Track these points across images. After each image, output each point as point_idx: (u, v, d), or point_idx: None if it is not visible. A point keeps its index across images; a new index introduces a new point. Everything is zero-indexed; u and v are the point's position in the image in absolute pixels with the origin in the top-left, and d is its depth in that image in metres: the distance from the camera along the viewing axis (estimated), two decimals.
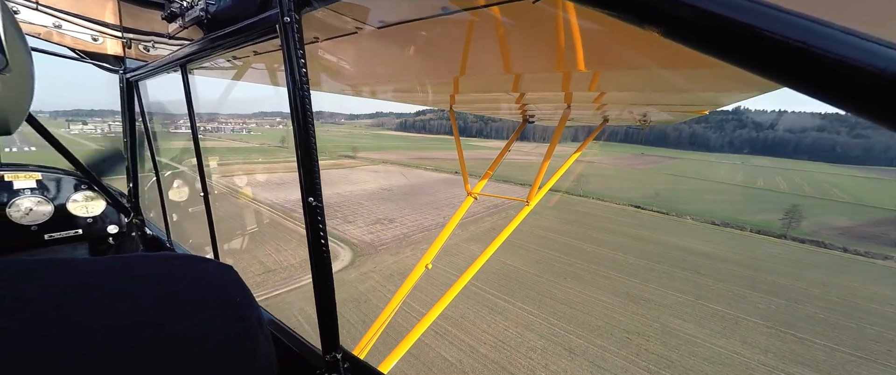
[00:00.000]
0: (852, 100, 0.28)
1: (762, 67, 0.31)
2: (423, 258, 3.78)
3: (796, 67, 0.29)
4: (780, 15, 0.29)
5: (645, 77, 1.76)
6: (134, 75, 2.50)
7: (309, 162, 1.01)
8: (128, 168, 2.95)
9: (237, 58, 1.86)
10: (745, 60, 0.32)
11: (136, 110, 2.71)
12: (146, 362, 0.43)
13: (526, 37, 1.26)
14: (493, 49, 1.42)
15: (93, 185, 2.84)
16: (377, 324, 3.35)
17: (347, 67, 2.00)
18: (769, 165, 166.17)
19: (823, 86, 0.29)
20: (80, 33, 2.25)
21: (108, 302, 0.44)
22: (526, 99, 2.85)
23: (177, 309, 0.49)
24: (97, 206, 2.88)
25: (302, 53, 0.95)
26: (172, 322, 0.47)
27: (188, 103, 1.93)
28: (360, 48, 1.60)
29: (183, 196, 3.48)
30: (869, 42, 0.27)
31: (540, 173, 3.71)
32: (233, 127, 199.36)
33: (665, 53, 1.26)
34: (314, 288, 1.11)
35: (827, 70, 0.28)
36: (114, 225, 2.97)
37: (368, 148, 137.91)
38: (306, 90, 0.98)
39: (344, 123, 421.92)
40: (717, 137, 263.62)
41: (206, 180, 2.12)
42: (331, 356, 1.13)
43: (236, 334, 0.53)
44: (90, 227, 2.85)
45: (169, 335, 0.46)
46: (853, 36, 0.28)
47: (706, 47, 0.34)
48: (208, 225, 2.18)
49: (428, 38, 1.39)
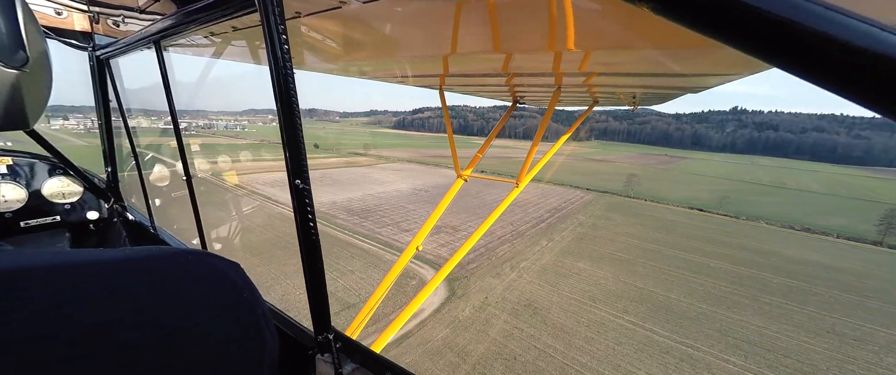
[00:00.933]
0: (834, 79, 0.28)
1: (749, 43, 0.31)
2: (413, 241, 3.82)
3: (782, 43, 0.29)
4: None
5: (635, 57, 1.75)
6: (105, 53, 2.36)
7: (295, 144, 0.98)
8: (104, 151, 2.83)
9: (215, 34, 1.77)
10: (732, 36, 0.32)
11: (108, 90, 2.58)
12: (153, 362, 0.42)
13: (517, 15, 1.22)
14: (484, 27, 1.39)
15: (68, 170, 2.73)
16: (368, 306, 3.40)
17: (333, 44, 1.93)
18: (773, 164, 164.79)
19: (807, 64, 0.29)
20: (42, 7, 2.10)
21: (111, 301, 0.43)
22: (516, 80, 2.82)
23: (185, 308, 0.49)
24: (74, 191, 2.78)
25: (283, 29, 0.91)
26: (180, 321, 0.47)
27: (165, 83, 1.85)
28: (346, 24, 1.54)
29: (165, 180, 3.38)
30: (855, 20, 0.27)
31: (529, 155, 3.73)
32: (226, 124, 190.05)
33: (655, 32, 1.26)
34: (304, 270, 1.11)
35: (812, 47, 0.28)
36: (93, 211, 2.88)
37: (376, 146, 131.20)
38: (289, 68, 0.94)
39: (339, 120, 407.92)
40: (719, 137, 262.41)
41: (188, 163, 2.06)
42: (323, 336, 1.15)
43: (247, 332, 0.53)
44: (68, 213, 2.76)
45: (175, 334, 0.46)
46: (839, 14, 0.27)
47: (695, 23, 0.33)
48: (192, 210, 2.14)
49: (416, 15, 1.34)
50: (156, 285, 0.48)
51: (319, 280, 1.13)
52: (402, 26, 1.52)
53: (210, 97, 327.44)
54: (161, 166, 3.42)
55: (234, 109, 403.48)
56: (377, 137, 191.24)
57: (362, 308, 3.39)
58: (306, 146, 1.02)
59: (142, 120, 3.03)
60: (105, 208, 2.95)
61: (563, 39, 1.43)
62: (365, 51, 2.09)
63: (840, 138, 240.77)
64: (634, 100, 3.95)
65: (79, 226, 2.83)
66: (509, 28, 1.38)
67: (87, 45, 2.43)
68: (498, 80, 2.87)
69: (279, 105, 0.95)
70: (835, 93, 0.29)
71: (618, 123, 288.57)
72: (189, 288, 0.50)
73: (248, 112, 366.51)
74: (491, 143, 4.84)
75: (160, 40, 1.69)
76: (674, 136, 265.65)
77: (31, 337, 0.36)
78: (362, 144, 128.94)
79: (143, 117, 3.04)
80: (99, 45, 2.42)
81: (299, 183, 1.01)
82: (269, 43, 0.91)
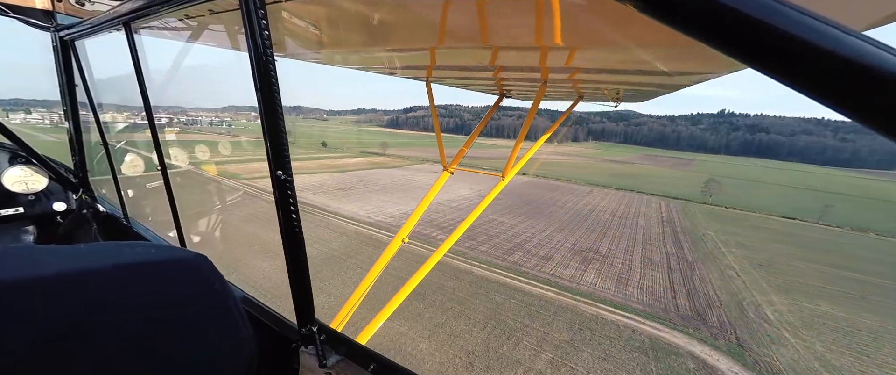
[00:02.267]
0: (804, 80, 0.29)
1: (726, 43, 0.32)
2: (398, 233, 3.81)
3: (756, 43, 0.30)
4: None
5: (619, 53, 1.78)
6: (69, 34, 2.22)
7: (276, 133, 0.95)
8: (71, 139, 2.68)
9: (191, 17, 1.69)
10: (711, 35, 0.33)
11: (74, 74, 2.43)
12: (121, 362, 0.41)
13: (505, 8, 1.22)
14: (472, 20, 1.38)
15: (31, 158, 2.57)
16: (354, 298, 3.39)
17: (316, 32, 1.87)
18: (766, 165, 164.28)
19: (778, 64, 0.30)
20: None
21: (76, 300, 0.41)
22: (503, 74, 2.82)
23: (154, 304, 0.48)
24: (38, 181, 2.62)
25: (263, 14, 0.87)
26: (149, 318, 0.46)
27: (136, 68, 1.75)
28: (330, 11, 1.49)
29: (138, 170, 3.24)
30: (823, 24, 0.28)
31: (514, 150, 3.76)
32: (210, 120, 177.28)
33: (639, 30, 1.28)
34: (287, 262, 1.09)
35: (782, 48, 0.29)
36: (60, 202, 2.73)
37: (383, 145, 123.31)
38: (270, 55, 0.91)
39: (327, 118, 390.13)
40: (715, 138, 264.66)
41: (162, 152, 1.97)
42: (306, 329, 1.14)
43: (218, 324, 0.53)
44: (33, 205, 2.61)
45: (144, 331, 0.45)
46: (808, 16, 0.29)
47: (677, 22, 0.34)
48: (168, 200, 2.06)
49: (403, 4, 1.31)
50: (122, 282, 0.46)
51: (302, 272, 1.11)
52: (390, 16, 1.49)
53: (191, 92, 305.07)
54: (134, 156, 3.27)
55: (214, 105, 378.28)
56: (374, 135, 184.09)
57: (348, 300, 3.37)
58: (314, 145, 0.98)
59: (115, 114, 2.86)
60: (73, 199, 2.80)
61: (549, 34, 1.44)
62: (350, 40, 2.04)
63: (828, 141, 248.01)
64: (618, 96, 4.03)
65: (44, 218, 2.68)
66: (497, 21, 1.37)
67: (48, 24, 2.28)
68: (485, 73, 2.87)
69: (259, 94, 0.92)
70: (803, 93, 0.30)
71: (614, 125, 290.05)
72: (156, 284, 0.49)
73: (229, 109, 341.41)
74: (476, 138, 4.85)
75: (130, 22, 1.60)
76: (670, 137, 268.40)
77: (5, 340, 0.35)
78: (357, 142, 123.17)
79: (114, 109, 2.88)
80: (62, 24, 2.27)
81: (281, 174, 0.98)
82: (248, 28, 0.88)
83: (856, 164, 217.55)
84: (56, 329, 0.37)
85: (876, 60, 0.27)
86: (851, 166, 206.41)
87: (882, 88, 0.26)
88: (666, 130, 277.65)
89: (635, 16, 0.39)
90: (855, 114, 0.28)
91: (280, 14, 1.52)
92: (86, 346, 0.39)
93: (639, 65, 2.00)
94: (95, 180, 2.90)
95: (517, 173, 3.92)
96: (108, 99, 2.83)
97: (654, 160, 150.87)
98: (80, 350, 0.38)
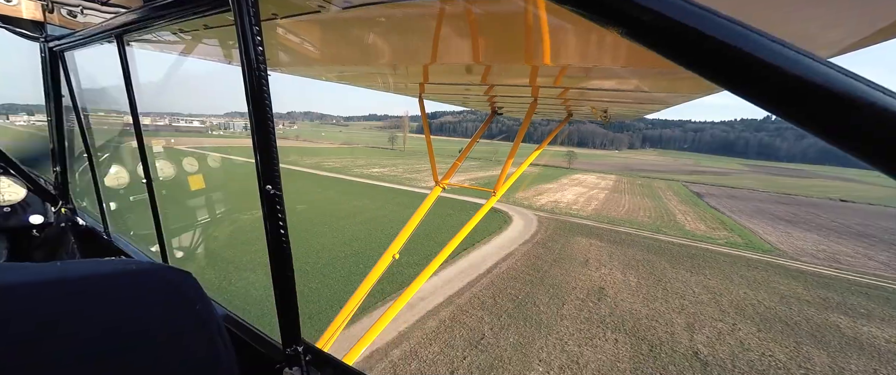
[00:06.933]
0: (773, 101, 0.32)
1: (702, 67, 0.35)
2: (389, 249, 3.76)
3: (732, 69, 0.33)
4: (720, 21, 0.33)
5: (606, 74, 1.84)
6: (59, 45, 2.20)
7: (266, 147, 0.95)
8: (53, 150, 2.61)
9: (184, 31, 1.69)
10: (689, 60, 0.36)
11: (61, 84, 2.39)
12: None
13: (496, 28, 1.26)
14: (464, 38, 1.41)
15: (8, 168, 2.49)
16: (341, 316, 3.30)
17: (311, 48, 1.89)
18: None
19: (753, 89, 0.33)
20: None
21: (46, 324, 0.39)
22: (495, 90, 2.88)
23: (133, 325, 0.46)
24: (15, 192, 2.53)
25: (258, 30, 0.89)
26: (127, 340, 0.44)
27: (126, 80, 1.74)
28: (324, 29, 1.52)
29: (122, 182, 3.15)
30: (791, 51, 0.31)
31: (506, 165, 3.80)
32: (224, 123, 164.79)
33: (625, 53, 1.33)
34: (273, 280, 1.07)
35: (756, 75, 0.32)
36: (37, 215, 2.63)
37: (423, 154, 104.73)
38: (263, 71, 0.91)
39: (346, 124, 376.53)
40: (786, 146, 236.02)
41: (148, 165, 1.94)
42: (292, 349, 1.10)
43: (199, 346, 0.51)
44: (7, 218, 2.50)
45: (122, 354, 0.43)
46: (777, 44, 0.31)
47: (659, 48, 0.37)
48: (152, 215, 2.00)
49: (397, 23, 1.34)
50: (99, 302, 0.44)
51: (289, 289, 1.09)
52: (384, 34, 1.52)
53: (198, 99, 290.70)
54: (119, 168, 3.19)
55: (216, 112, 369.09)
56: (417, 142, 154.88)
57: (335, 318, 3.28)
58: (377, 148, 0.95)
59: (102, 125, 2.80)
60: (51, 212, 2.70)
61: (539, 54, 1.48)
62: (344, 56, 2.07)
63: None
64: (605, 115, 4.14)
65: (19, 232, 2.57)
66: (489, 41, 1.41)
67: (38, 35, 2.26)
68: (477, 90, 2.93)
69: (251, 107, 0.92)
70: (776, 114, 0.32)
71: (671, 132, 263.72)
72: (137, 304, 0.48)
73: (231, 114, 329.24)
74: (469, 153, 4.89)
75: (123, 35, 1.60)
76: (737, 144, 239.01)
77: None
78: (439, 150, 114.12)
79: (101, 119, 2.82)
80: (52, 36, 2.25)
81: (270, 189, 0.97)
82: (243, 44, 0.89)
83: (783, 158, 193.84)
84: (14, 354, 0.35)
85: (840, 85, 0.29)
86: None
87: (846, 110, 0.29)
88: (729, 137, 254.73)
89: (621, 40, 0.41)
90: (821, 133, 0.31)
91: (275, 30, 1.54)
92: (38, 370, 0.36)
93: (625, 85, 2.07)
94: (78, 192, 2.81)
95: (524, 198, 3.93)
96: (98, 108, 2.78)
97: (762, 172, 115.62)
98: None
